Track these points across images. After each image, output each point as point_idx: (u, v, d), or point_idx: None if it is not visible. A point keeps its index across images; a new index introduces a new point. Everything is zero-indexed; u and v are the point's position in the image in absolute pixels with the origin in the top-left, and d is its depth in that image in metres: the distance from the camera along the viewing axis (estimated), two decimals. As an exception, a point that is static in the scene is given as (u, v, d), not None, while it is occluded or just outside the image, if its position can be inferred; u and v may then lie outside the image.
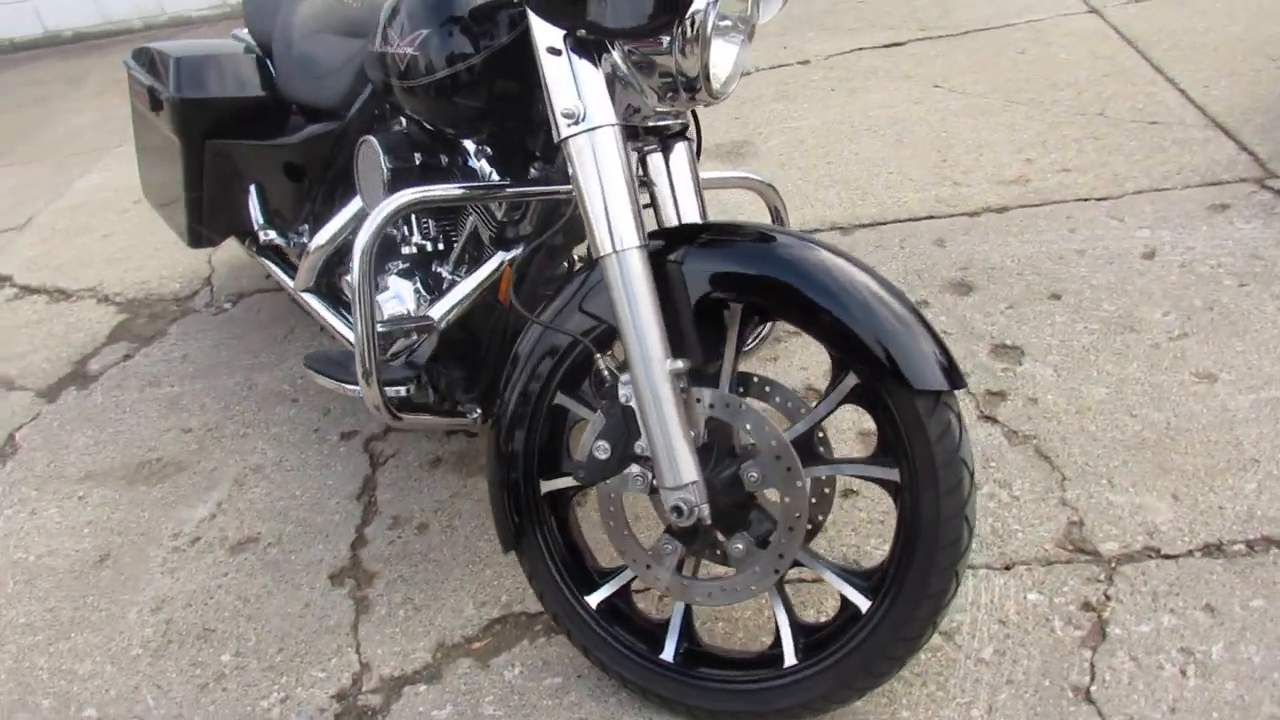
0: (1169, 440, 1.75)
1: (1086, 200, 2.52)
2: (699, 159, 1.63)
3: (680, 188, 1.44)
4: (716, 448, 1.32)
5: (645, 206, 1.48)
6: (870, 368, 1.21)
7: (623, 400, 1.29)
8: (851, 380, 1.26)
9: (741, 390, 1.39)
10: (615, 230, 1.23)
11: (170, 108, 2.04)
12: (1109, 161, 2.66)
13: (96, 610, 1.81)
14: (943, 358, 1.21)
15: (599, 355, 1.31)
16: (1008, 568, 1.57)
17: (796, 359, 2.13)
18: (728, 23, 1.28)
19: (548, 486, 1.45)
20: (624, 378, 1.27)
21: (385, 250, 1.86)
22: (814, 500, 1.40)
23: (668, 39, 1.22)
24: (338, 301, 1.96)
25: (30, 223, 3.68)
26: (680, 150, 1.44)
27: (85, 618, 1.80)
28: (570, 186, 1.26)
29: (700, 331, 1.32)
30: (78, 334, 2.83)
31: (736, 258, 1.28)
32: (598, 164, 1.23)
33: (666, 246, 1.31)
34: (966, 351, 2.06)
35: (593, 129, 1.23)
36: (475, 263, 1.68)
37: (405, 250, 1.80)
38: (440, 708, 1.52)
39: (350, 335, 1.87)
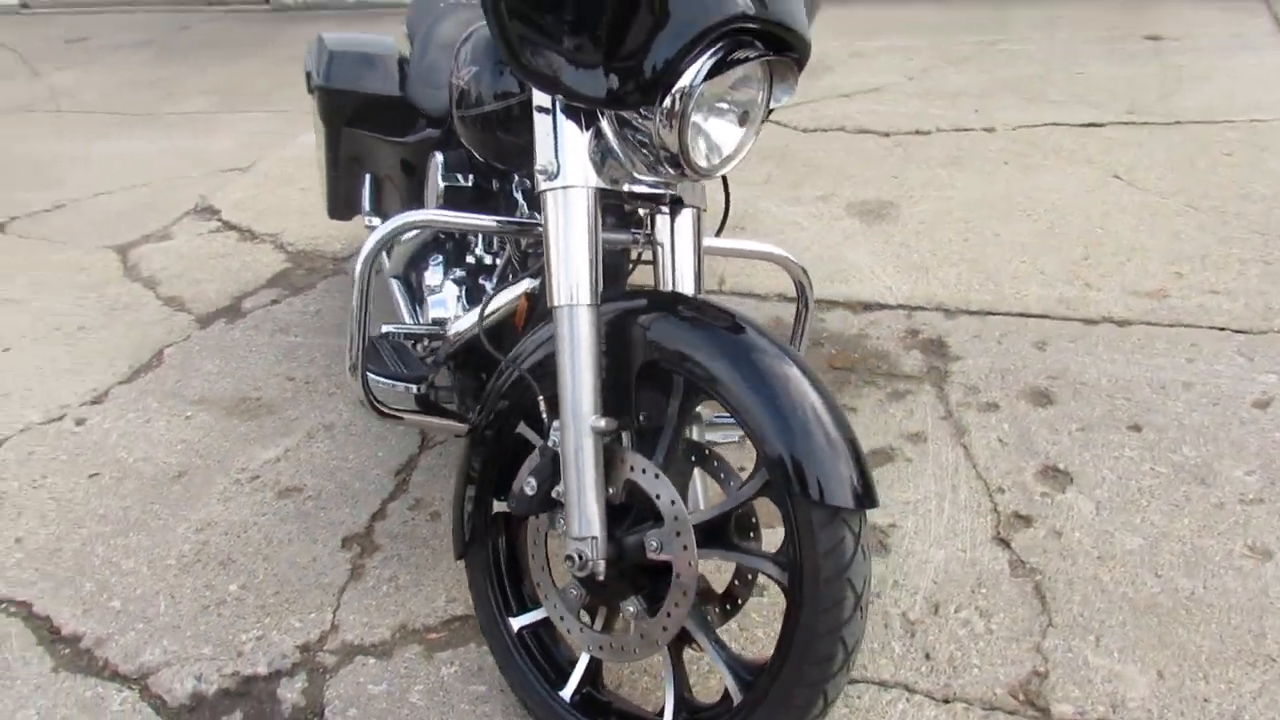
0: (1184, 612, 1.60)
1: (1222, 330, 2.29)
2: (722, 227, 1.67)
3: (680, 254, 1.47)
4: (636, 510, 1.35)
5: (646, 263, 1.54)
6: (780, 470, 1.21)
7: (551, 445, 1.35)
8: (765, 476, 1.26)
9: (693, 459, 1.41)
10: (571, 284, 1.30)
11: (317, 94, 2.28)
12: (1267, 292, 2.41)
13: (156, 518, 2.08)
14: (858, 480, 1.20)
15: (541, 397, 1.38)
16: (946, 701, 1.50)
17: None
18: (724, 105, 1.30)
19: (498, 507, 1.53)
20: (555, 424, 1.34)
21: (458, 252, 2.01)
22: (736, 582, 1.40)
23: (655, 112, 1.26)
24: (413, 294, 2.13)
25: (253, 166, 4.16)
26: (685, 216, 1.47)
27: (145, 522, 2.07)
28: None
29: (658, 395, 1.36)
30: (247, 273, 3.20)
31: (696, 338, 1.30)
32: (565, 221, 1.30)
33: (642, 307, 1.36)
34: (1013, 467, 1.95)
35: (565, 188, 1.30)
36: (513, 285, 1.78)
37: (467, 259, 1.94)
38: (377, 683, 1.64)
39: (409, 324, 2.03)
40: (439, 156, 1.75)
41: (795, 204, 3.18)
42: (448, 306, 1.88)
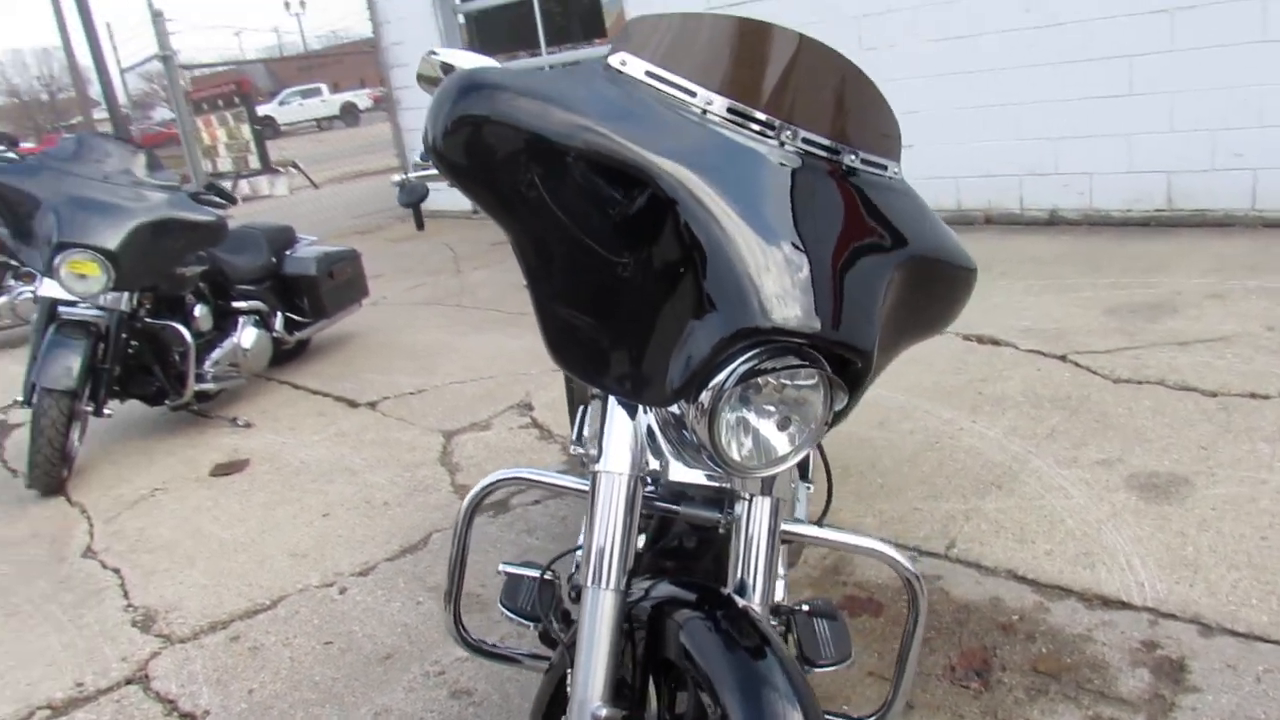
0: None
1: None
2: (825, 514, 1.60)
3: (751, 547, 1.44)
4: (638, 806, 1.31)
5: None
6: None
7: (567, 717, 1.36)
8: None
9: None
10: (600, 568, 1.34)
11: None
12: None
13: (351, 695, 2.33)
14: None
15: (569, 669, 1.40)
16: None
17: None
18: (771, 407, 1.29)
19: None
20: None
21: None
22: None
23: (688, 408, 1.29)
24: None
25: (578, 369, 4.63)
26: (761, 507, 1.44)
27: (342, 697, 2.33)
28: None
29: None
30: (529, 470, 3.53)
31: (714, 650, 1.27)
32: (604, 504, 1.37)
33: (684, 601, 1.36)
34: None
35: (605, 472, 1.36)
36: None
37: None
38: None
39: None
40: (593, 405, 1.89)
41: (1069, 465, 2.87)
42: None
